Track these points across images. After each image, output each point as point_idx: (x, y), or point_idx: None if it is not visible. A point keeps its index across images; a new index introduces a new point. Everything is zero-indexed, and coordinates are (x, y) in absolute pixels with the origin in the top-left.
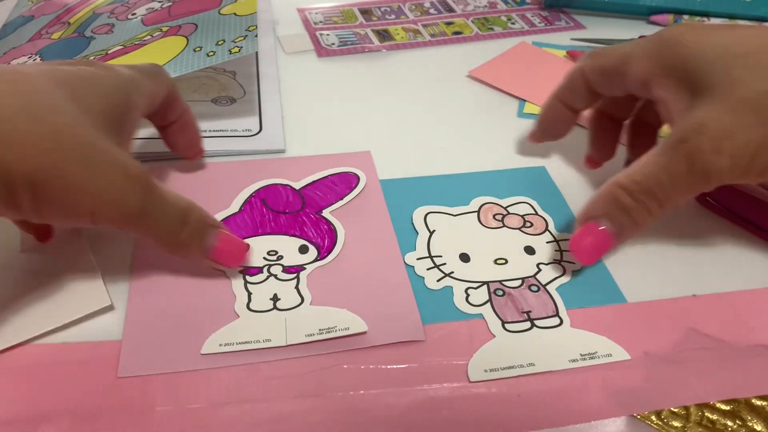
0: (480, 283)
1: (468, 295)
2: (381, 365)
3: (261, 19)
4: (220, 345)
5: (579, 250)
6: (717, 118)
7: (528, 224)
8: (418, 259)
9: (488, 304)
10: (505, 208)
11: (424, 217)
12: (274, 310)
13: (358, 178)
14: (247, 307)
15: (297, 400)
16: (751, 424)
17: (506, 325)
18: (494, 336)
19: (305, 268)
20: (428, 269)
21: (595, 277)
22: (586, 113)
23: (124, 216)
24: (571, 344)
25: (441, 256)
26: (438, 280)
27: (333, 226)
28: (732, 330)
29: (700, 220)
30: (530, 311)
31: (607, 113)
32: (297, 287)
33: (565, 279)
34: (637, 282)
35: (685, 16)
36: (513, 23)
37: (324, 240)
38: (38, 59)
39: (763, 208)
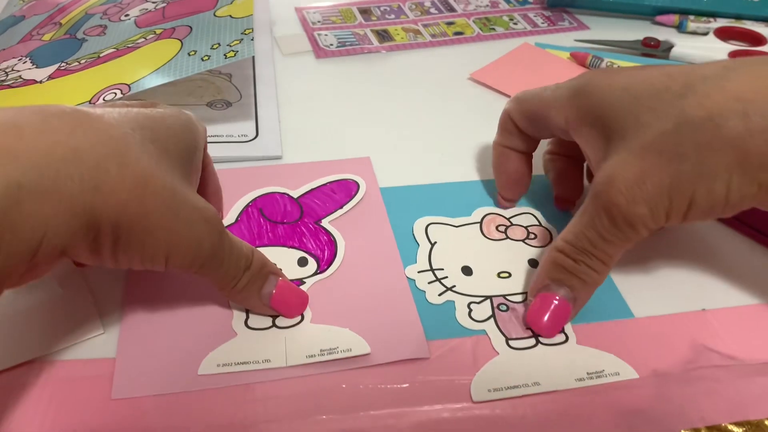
0: (483, 298)
1: (471, 310)
2: (380, 384)
3: (258, 19)
4: (218, 365)
5: (539, 323)
6: (626, 167)
7: (532, 236)
8: (419, 272)
9: (491, 319)
10: (508, 219)
11: (425, 228)
12: (273, 328)
13: (357, 185)
14: (245, 324)
15: (295, 422)
16: None
17: (510, 342)
18: (498, 353)
19: (305, 282)
20: (429, 283)
21: (602, 292)
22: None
23: (197, 260)
24: (578, 362)
25: (443, 269)
26: (440, 295)
27: (333, 236)
28: (743, 346)
29: (709, 231)
30: None
31: (561, 154)
32: None
33: None
34: (644, 296)
35: (691, 17)
36: (515, 23)
37: (324, 252)
38: (29, 61)
39: None
